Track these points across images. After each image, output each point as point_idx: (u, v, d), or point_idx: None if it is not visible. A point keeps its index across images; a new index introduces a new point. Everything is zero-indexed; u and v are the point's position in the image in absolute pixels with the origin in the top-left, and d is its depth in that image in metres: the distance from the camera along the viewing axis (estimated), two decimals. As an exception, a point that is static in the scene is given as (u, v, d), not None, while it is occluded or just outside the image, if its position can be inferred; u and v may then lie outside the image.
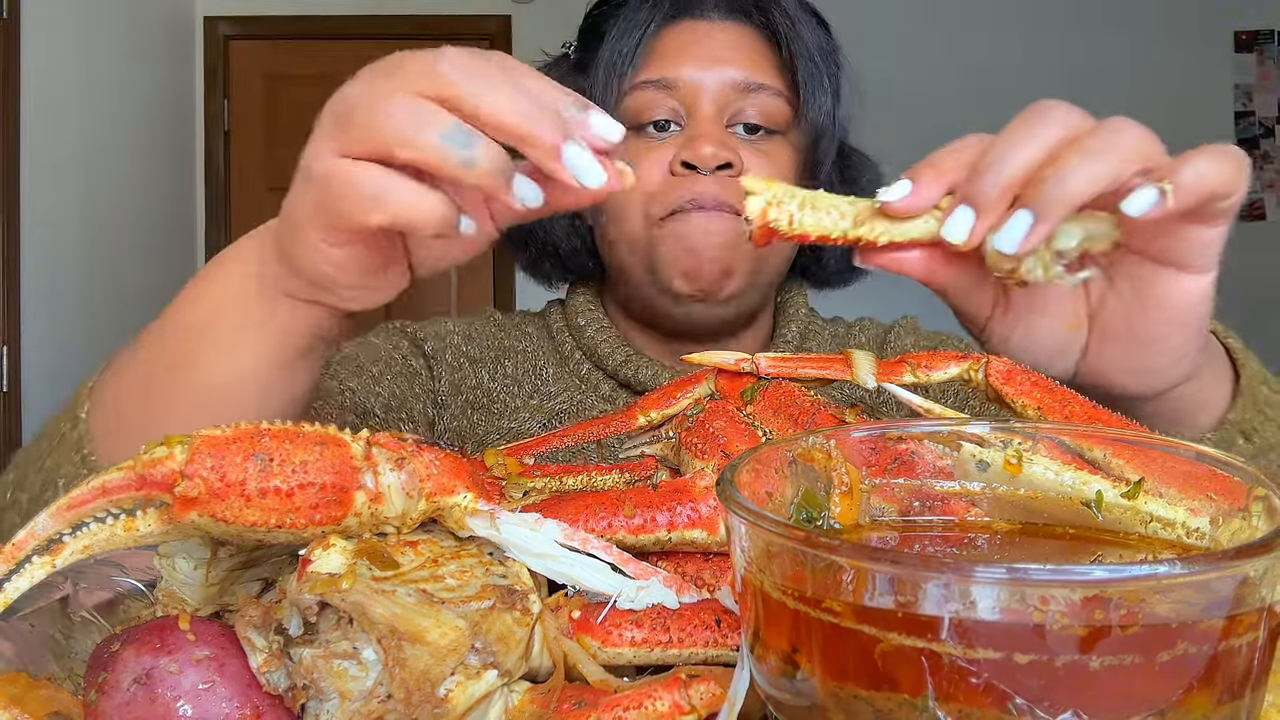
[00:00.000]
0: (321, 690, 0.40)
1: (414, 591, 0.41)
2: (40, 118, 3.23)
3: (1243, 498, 0.36)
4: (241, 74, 4.56)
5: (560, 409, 1.01)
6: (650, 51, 0.94)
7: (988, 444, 0.42)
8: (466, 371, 1.01)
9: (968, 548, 0.40)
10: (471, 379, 1.01)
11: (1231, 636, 0.30)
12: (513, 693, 0.42)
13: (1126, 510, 0.40)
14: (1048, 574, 0.29)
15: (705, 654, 0.43)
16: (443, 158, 0.48)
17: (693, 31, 0.94)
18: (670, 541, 0.46)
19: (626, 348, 1.01)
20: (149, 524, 0.42)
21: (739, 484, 0.36)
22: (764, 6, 0.95)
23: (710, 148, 0.89)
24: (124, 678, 0.40)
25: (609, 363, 1.01)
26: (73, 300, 3.39)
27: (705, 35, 0.94)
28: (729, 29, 0.95)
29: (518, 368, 1.03)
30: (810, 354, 0.68)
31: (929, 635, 0.29)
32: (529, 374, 1.03)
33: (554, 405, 1.01)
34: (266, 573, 0.48)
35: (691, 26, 0.95)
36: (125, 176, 3.81)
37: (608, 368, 1.01)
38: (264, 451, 0.41)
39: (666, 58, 0.93)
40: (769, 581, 0.33)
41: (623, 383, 1.01)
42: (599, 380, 1.02)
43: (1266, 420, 0.66)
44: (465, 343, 1.03)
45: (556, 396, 1.01)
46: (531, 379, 1.03)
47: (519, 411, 1.00)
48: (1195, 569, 0.29)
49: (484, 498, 0.45)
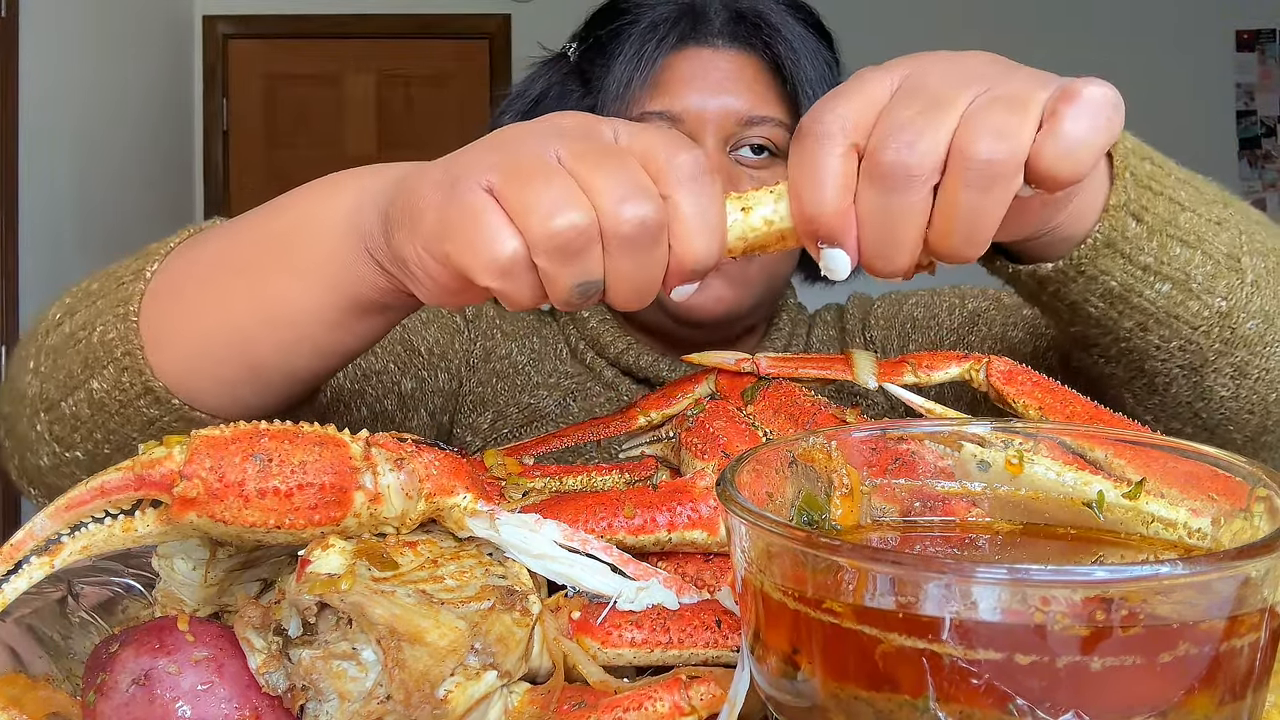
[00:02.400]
0: (321, 691, 0.40)
1: (413, 592, 0.41)
2: (39, 117, 3.22)
3: (1244, 498, 0.36)
4: (240, 73, 4.56)
5: (573, 388, 1.04)
6: (656, 80, 0.95)
7: (989, 444, 0.42)
8: (498, 341, 1.05)
9: (969, 548, 0.40)
10: (501, 349, 1.05)
11: (1233, 637, 0.29)
12: (512, 693, 0.42)
13: (1128, 511, 0.40)
14: (1049, 575, 0.29)
15: (705, 655, 0.43)
16: (561, 296, 0.48)
17: (698, 59, 0.95)
18: (670, 542, 0.46)
19: (627, 337, 1.04)
20: (147, 524, 0.41)
21: (739, 484, 0.36)
22: (769, 38, 0.96)
23: None
24: (123, 678, 0.40)
25: (609, 351, 1.04)
26: (72, 300, 3.38)
27: (710, 64, 0.95)
28: (733, 57, 0.96)
29: (543, 345, 1.07)
30: (810, 354, 0.68)
31: (930, 636, 0.29)
32: (550, 355, 1.07)
33: (569, 384, 1.04)
34: (265, 573, 0.48)
35: (696, 54, 0.96)
36: (124, 176, 3.81)
37: (608, 356, 1.04)
38: (263, 452, 0.41)
39: (671, 87, 0.94)
40: (769, 582, 0.33)
41: (624, 370, 1.04)
42: (602, 367, 1.05)
43: (1155, 195, 0.62)
44: (499, 316, 1.07)
45: (572, 377, 1.05)
46: (551, 359, 1.06)
47: (539, 388, 1.03)
48: (1197, 569, 0.29)
49: (483, 498, 0.45)
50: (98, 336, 0.64)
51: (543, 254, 0.47)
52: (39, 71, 3.23)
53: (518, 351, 1.05)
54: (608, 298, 0.49)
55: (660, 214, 0.47)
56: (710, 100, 0.93)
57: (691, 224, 0.47)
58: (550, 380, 1.04)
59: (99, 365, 0.64)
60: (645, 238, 0.47)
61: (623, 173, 0.47)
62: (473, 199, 0.47)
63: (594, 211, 0.46)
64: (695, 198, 0.47)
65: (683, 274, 0.48)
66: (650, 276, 0.48)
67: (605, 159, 0.47)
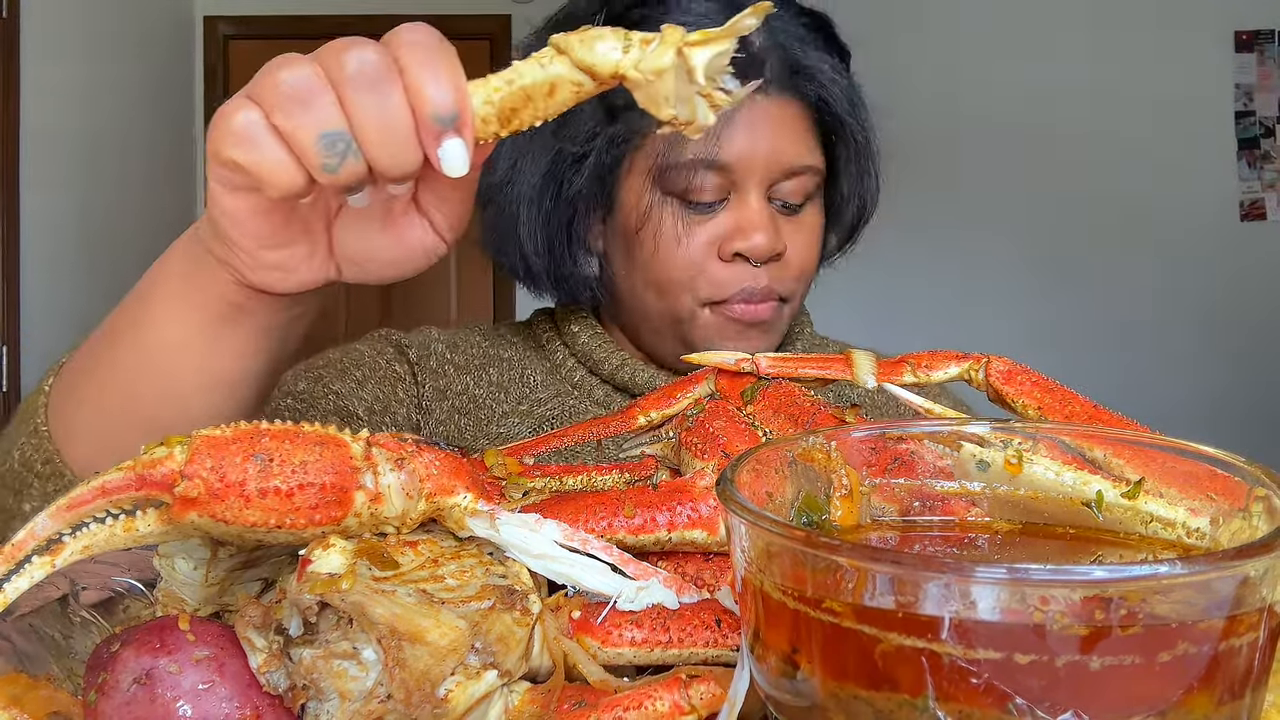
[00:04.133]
0: (321, 690, 0.40)
1: (414, 592, 0.41)
2: (40, 118, 3.22)
3: (1243, 497, 0.36)
4: (241, 74, 4.54)
5: (550, 415, 1.01)
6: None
7: (988, 444, 0.42)
8: (452, 378, 1.02)
9: (968, 548, 0.40)
10: (457, 385, 1.01)
11: (1232, 636, 0.30)
12: (513, 693, 0.42)
13: (1127, 510, 0.40)
14: (1048, 574, 0.29)
15: (705, 654, 0.43)
16: (314, 157, 0.51)
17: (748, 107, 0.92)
18: (670, 541, 0.46)
19: (622, 353, 1.01)
20: (149, 524, 0.42)
21: (739, 484, 0.36)
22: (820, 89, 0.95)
23: (763, 238, 0.90)
24: (124, 678, 0.40)
25: (604, 368, 1.01)
26: (72, 300, 3.39)
27: (761, 112, 0.92)
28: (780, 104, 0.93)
29: (503, 375, 1.03)
30: (810, 354, 0.68)
31: (929, 635, 0.29)
32: (515, 381, 1.03)
33: (543, 411, 1.01)
34: (266, 573, 0.48)
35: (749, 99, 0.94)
36: (125, 177, 3.80)
37: (603, 373, 1.01)
38: (264, 452, 0.41)
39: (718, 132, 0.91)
40: (769, 582, 0.33)
41: (619, 386, 1.01)
42: (593, 385, 1.02)
43: None
44: (450, 350, 1.03)
45: (546, 403, 1.01)
46: (518, 386, 1.02)
47: (508, 417, 1.00)
48: (1196, 569, 0.29)
49: (484, 498, 0.45)
50: (17, 461, 0.69)
51: (276, 112, 0.51)
52: (39, 72, 3.23)
53: (474, 385, 1.02)
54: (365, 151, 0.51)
55: (384, 58, 0.51)
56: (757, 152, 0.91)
57: (420, 72, 0.50)
58: (521, 408, 1.00)
59: (25, 486, 0.69)
60: (371, 75, 0.50)
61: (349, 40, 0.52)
62: (224, 105, 0.52)
63: (319, 68, 0.51)
64: (423, 51, 0.51)
65: (424, 121, 0.50)
66: (396, 121, 0.50)
67: (334, 44, 0.52)
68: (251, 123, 0.51)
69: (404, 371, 1.00)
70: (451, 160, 0.51)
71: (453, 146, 0.50)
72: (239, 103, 0.52)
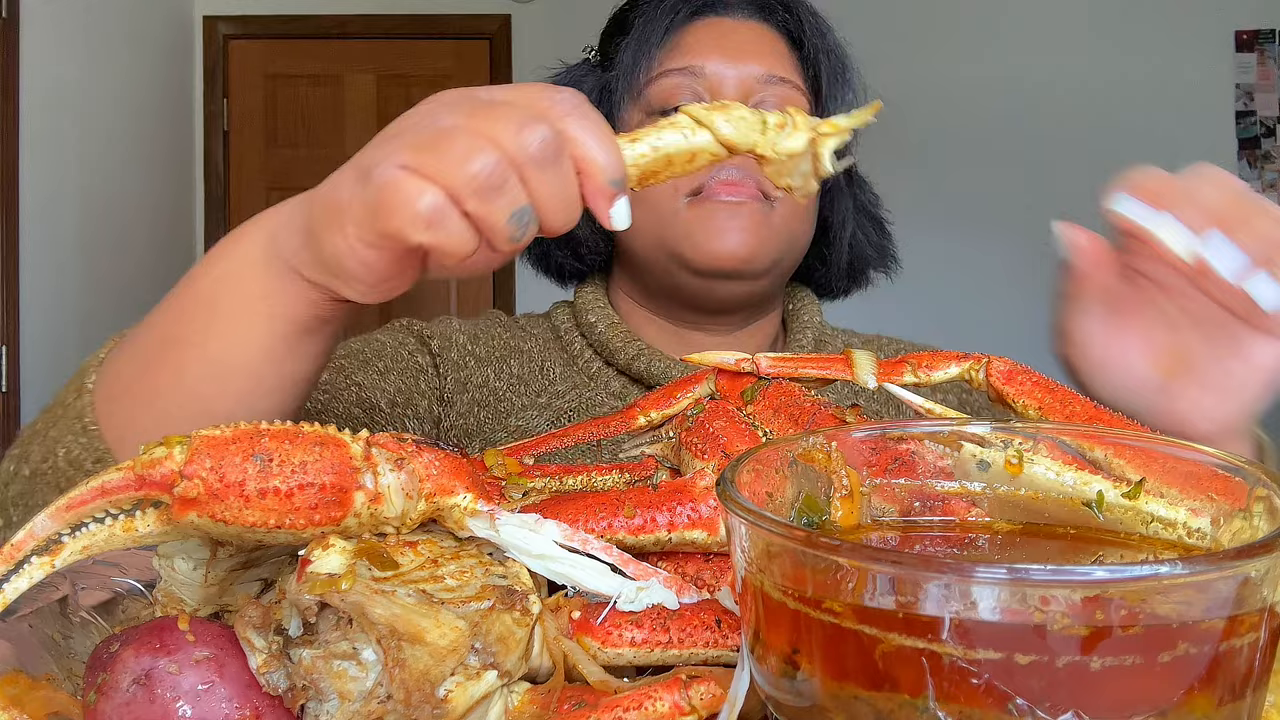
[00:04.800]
0: (321, 691, 0.40)
1: (414, 592, 0.41)
2: (40, 117, 3.22)
3: (1244, 498, 0.36)
4: (241, 74, 4.56)
5: (568, 407, 1.01)
6: (675, 44, 0.98)
7: (988, 444, 0.42)
8: (472, 369, 1.02)
9: (968, 548, 0.40)
10: (477, 377, 1.02)
11: (1233, 637, 0.29)
12: (513, 693, 0.42)
13: (1127, 510, 0.40)
14: (1048, 574, 0.29)
15: (705, 654, 0.43)
16: (503, 234, 0.53)
17: (717, 27, 0.98)
18: (670, 542, 0.46)
19: (638, 342, 1.02)
20: (148, 524, 0.41)
21: (739, 484, 0.36)
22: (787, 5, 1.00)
23: None
24: (123, 678, 0.40)
25: (620, 357, 1.02)
26: (72, 300, 3.39)
27: (730, 30, 0.98)
28: (752, 27, 0.99)
29: (523, 367, 1.03)
30: (810, 354, 0.68)
31: (929, 636, 0.29)
32: (535, 374, 1.03)
33: (562, 404, 1.01)
34: (266, 573, 0.48)
35: (716, 23, 0.99)
36: (124, 176, 3.80)
37: (618, 363, 1.02)
38: (263, 452, 0.41)
39: (691, 50, 0.97)
40: (769, 582, 0.33)
41: (634, 377, 1.02)
42: (609, 377, 1.02)
43: None
44: (471, 342, 1.04)
45: (564, 395, 1.02)
46: (538, 379, 1.03)
47: (526, 410, 1.00)
48: (1196, 569, 0.29)
49: (484, 498, 0.45)
50: (63, 460, 0.67)
51: (470, 198, 0.51)
52: (39, 72, 3.23)
53: (495, 377, 1.02)
54: (543, 220, 0.54)
55: (556, 133, 0.52)
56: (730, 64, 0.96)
57: (588, 141, 0.53)
58: (540, 400, 1.01)
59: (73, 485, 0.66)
60: (551, 152, 0.52)
61: (513, 112, 0.53)
62: (391, 175, 0.52)
63: (500, 148, 0.52)
64: (582, 119, 0.54)
65: (598, 187, 0.54)
66: (570, 191, 0.54)
67: (493, 108, 0.53)
68: (439, 208, 0.51)
69: (426, 363, 1.01)
70: (620, 217, 0.54)
71: (622, 205, 0.54)
72: (416, 184, 0.52)
